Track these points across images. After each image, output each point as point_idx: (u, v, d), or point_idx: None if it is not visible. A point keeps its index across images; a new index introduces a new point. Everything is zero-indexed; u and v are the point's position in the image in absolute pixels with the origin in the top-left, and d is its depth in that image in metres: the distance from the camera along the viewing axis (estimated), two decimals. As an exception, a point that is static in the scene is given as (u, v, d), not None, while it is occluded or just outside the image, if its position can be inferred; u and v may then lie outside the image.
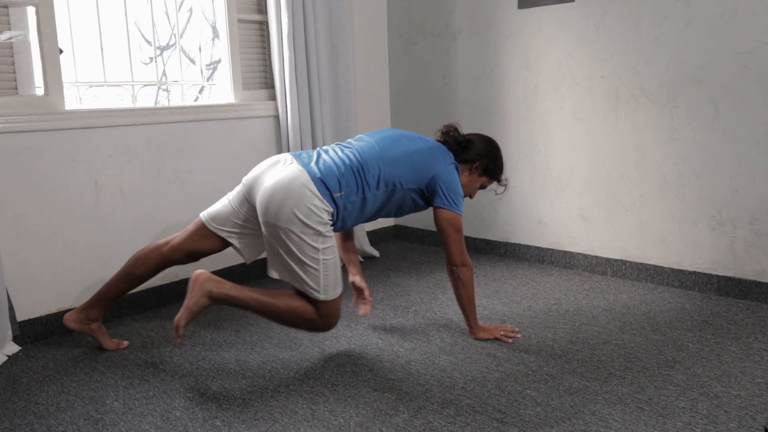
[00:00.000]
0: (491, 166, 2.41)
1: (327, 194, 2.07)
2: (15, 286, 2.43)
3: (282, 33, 3.08)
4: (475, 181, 2.42)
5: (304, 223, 2.03)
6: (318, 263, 2.06)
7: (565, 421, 1.79)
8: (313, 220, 2.04)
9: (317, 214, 2.05)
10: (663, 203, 2.89)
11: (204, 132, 2.96)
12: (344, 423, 1.82)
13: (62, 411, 1.94)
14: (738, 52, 2.60)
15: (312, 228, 2.04)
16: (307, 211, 2.03)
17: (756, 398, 1.89)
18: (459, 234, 2.26)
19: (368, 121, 3.72)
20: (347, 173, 2.12)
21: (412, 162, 2.22)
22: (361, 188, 2.14)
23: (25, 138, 2.41)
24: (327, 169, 2.11)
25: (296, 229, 2.03)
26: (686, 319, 2.51)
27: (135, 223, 2.75)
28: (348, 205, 2.13)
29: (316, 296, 2.08)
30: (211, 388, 2.06)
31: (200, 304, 2.04)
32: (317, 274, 2.07)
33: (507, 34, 3.29)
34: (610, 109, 2.99)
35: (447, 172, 2.25)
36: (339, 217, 2.13)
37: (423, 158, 2.24)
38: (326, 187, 2.07)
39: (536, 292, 2.89)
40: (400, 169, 2.20)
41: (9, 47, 2.42)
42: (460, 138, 2.38)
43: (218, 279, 2.08)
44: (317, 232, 2.05)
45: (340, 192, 2.10)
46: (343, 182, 2.11)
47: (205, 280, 2.05)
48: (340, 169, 2.12)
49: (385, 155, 2.20)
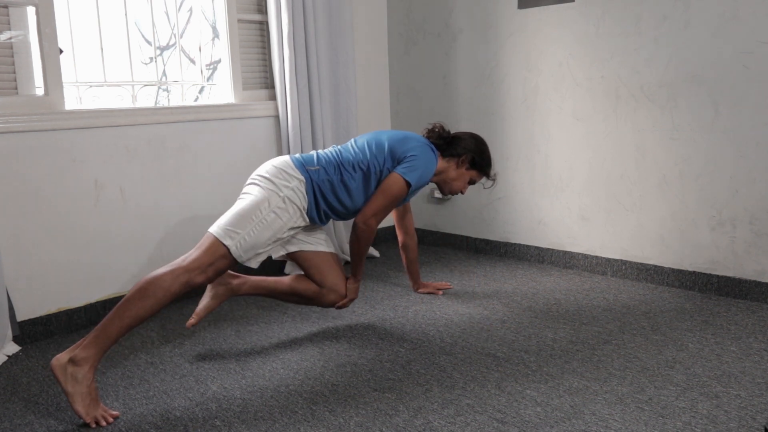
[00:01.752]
0: (478, 159, 2.50)
1: (300, 165, 2.23)
2: (15, 286, 2.43)
3: (282, 33, 3.08)
4: (463, 174, 2.52)
5: (271, 181, 2.17)
6: (259, 216, 2.11)
7: (565, 421, 1.79)
8: (279, 181, 2.17)
9: (285, 176, 2.18)
10: (663, 203, 2.89)
11: (204, 132, 2.96)
12: (344, 423, 1.82)
13: (62, 411, 1.94)
14: (738, 52, 2.60)
15: (275, 186, 2.16)
16: (274, 170, 2.20)
17: (756, 398, 1.89)
18: (386, 200, 2.30)
19: (368, 121, 3.72)
20: (326, 157, 2.30)
21: (389, 146, 2.33)
22: (338, 170, 2.26)
23: (25, 138, 2.41)
24: (307, 155, 2.31)
25: (262, 184, 2.17)
26: (686, 319, 2.51)
27: (135, 223, 2.75)
28: (325, 180, 2.23)
29: (228, 242, 2.04)
30: (211, 388, 2.06)
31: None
32: (248, 225, 2.09)
33: (507, 34, 3.29)
34: (610, 109, 2.99)
35: (418, 149, 2.34)
36: (315, 187, 2.21)
37: (397, 140, 2.35)
38: (301, 161, 2.25)
39: (536, 292, 2.89)
40: (377, 152, 2.32)
41: (9, 47, 2.42)
42: (444, 134, 2.49)
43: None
44: (278, 190, 2.15)
45: (315, 166, 2.24)
46: (321, 160, 2.27)
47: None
48: (319, 154, 2.31)
49: (366, 146, 2.34)
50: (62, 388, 1.82)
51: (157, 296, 1.91)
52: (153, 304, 1.91)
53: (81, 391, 1.81)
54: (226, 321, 2.65)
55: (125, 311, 1.88)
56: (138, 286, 1.92)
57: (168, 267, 1.97)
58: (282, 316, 2.69)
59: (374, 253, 3.59)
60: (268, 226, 2.11)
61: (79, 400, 1.81)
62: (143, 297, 1.90)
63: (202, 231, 2.53)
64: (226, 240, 2.04)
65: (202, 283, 2.02)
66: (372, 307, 2.75)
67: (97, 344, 1.85)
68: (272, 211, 2.12)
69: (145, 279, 1.94)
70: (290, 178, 2.19)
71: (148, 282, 1.92)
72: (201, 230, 2.71)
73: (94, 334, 1.86)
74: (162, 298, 1.92)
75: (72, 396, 1.80)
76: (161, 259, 2.82)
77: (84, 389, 1.82)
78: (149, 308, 1.90)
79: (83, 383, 1.82)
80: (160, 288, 1.92)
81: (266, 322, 2.62)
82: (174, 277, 1.94)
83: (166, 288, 1.92)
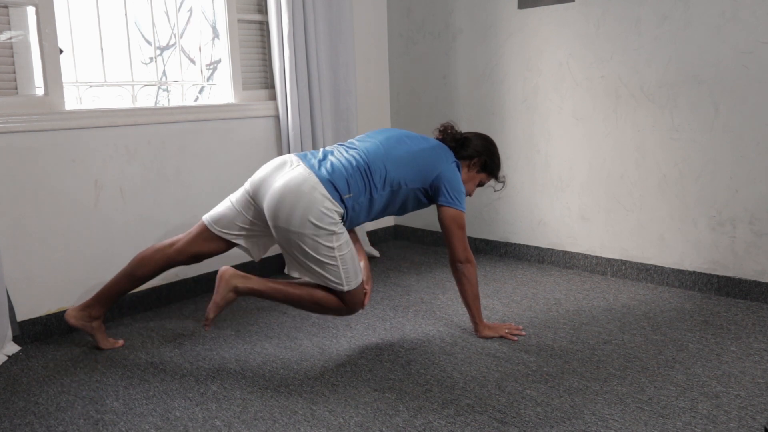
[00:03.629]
0: (489, 162, 2.45)
1: (336, 196, 2.08)
2: (15, 286, 2.43)
3: (282, 33, 3.08)
4: (473, 177, 2.46)
5: (317, 226, 2.05)
6: (336, 260, 2.10)
7: (565, 421, 1.79)
8: (325, 222, 2.05)
9: (329, 216, 2.06)
10: (663, 203, 2.89)
11: (204, 132, 2.96)
12: (344, 423, 1.82)
13: (62, 411, 1.94)
14: (738, 52, 2.60)
15: (325, 229, 2.06)
16: (319, 214, 2.04)
17: (756, 398, 1.89)
18: (462, 231, 2.30)
19: (368, 121, 3.72)
20: (355, 174, 2.14)
21: (416, 162, 2.25)
22: (368, 189, 2.16)
23: (25, 138, 2.41)
24: (335, 171, 2.12)
25: (309, 232, 2.05)
26: (686, 319, 2.51)
27: (135, 223, 2.75)
28: (356, 206, 2.15)
29: (341, 289, 2.14)
30: (211, 388, 2.06)
31: (227, 299, 2.16)
32: (337, 270, 2.11)
33: (507, 34, 3.29)
34: (610, 109, 2.99)
35: (450, 170, 2.29)
36: (347, 217, 2.14)
37: (426, 158, 2.27)
38: (335, 188, 2.08)
39: (536, 292, 2.89)
40: (405, 169, 2.22)
41: (9, 47, 2.42)
42: (457, 135, 2.43)
43: (243, 275, 2.18)
44: (330, 232, 2.07)
45: (349, 194, 2.11)
46: (351, 183, 2.12)
47: (231, 276, 2.15)
48: (348, 171, 2.13)
49: (390, 156, 2.22)
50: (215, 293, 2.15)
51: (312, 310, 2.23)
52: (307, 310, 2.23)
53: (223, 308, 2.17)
54: (226, 321, 2.65)
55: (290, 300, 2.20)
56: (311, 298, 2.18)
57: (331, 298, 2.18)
58: (282, 316, 2.69)
59: (374, 252, 3.59)
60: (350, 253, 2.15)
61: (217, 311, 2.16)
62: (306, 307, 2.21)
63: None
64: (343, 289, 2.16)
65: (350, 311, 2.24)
66: (372, 307, 2.75)
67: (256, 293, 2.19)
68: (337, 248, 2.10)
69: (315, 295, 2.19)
70: (332, 213, 2.07)
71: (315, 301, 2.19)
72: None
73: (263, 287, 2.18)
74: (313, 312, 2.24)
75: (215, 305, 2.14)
76: (161, 259, 2.82)
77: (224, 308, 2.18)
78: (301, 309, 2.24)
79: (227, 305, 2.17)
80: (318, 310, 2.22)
81: (266, 322, 2.62)
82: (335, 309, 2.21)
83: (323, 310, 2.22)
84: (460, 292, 2.35)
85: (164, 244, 2.35)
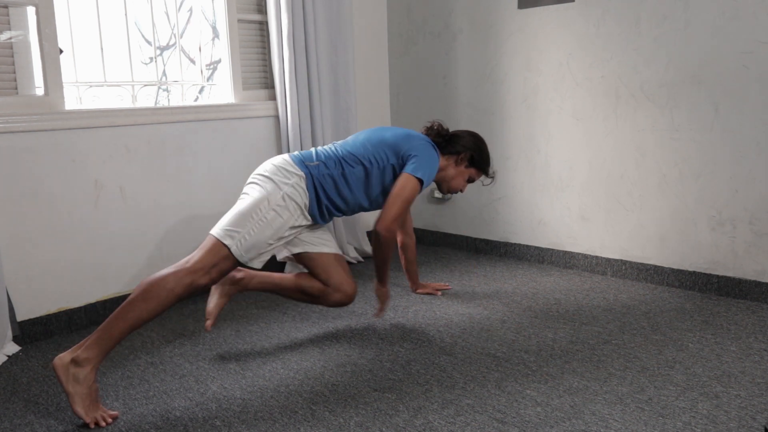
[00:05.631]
0: (476, 156, 2.50)
1: (300, 162, 2.22)
2: (15, 286, 2.43)
3: (282, 33, 3.08)
4: (462, 172, 2.52)
5: (270, 180, 2.17)
6: (258, 214, 2.10)
7: (565, 421, 1.79)
8: (279, 178, 2.17)
9: (284, 173, 2.18)
10: (663, 203, 2.89)
11: (204, 132, 2.96)
12: (344, 423, 1.82)
13: (62, 411, 1.94)
14: (738, 52, 2.60)
15: (275, 183, 2.15)
16: (276, 170, 2.19)
17: (756, 398, 1.89)
18: (402, 203, 2.27)
19: (368, 121, 3.72)
20: (325, 152, 2.29)
21: (391, 142, 2.33)
22: (339, 165, 2.25)
23: (25, 138, 2.41)
24: (306, 152, 2.31)
25: (262, 184, 2.16)
26: (686, 319, 2.51)
27: (135, 223, 2.75)
28: (326, 175, 2.22)
29: (228, 242, 2.03)
30: (211, 388, 2.06)
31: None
32: (248, 223, 2.08)
33: (507, 34, 3.29)
34: (610, 109, 2.99)
35: (422, 147, 2.34)
36: (315, 183, 2.20)
37: (401, 137, 2.35)
38: (300, 158, 2.25)
39: (536, 292, 2.89)
40: (378, 148, 2.31)
41: (9, 47, 2.42)
42: (443, 131, 2.50)
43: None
44: (278, 188, 2.14)
45: (315, 162, 2.23)
46: (321, 155, 2.27)
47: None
48: (317, 150, 2.31)
49: (367, 140, 2.34)
50: (63, 387, 1.81)
51: (161, 298, 1.90)
52: (156, 305, 1.90)
53: (82, 391, 1.81)
54: (226, 321, 2.65)
55: (128, 312, 1.88)
56: (141, 288, 1.91)
57: (171, 269, 1.97)
58: (282, 316, 2.69)
59: (374, 253, 3.59)
60: (269, 224, 2.10)
61: (79, 400, 1.80)
62: (146, 299, 1.89)
63: (202, 231, 2.54)
64: (227, 240, 2.03)
65: (206, 285, 2.01)
66: (372, 307, 2.75)
67: (99, 345, 1.85)
68: (272, 209, 2.11)
69: (148, 281, 1.93)
70: (289, 174, 2.18)
71: (151, 284, 1.91)
72: (201, 230, 2.72)
73: (97, 335, 1.85)
74: (165, 299, 1.91)
75: (72, 396, 1.80)
76: (161, 259, 2.82)
77: (85, 390, 1.81)
78: (152, 310, 1.90)
79: (84, 384, 1.81)
80: (163, 289, 1.91)
81: (266, 322, 2.62)
82: (178, 279, 1.94)
83: (169, 290, 1.92)
84: (372, 253, 2.41)
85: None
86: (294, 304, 2.80)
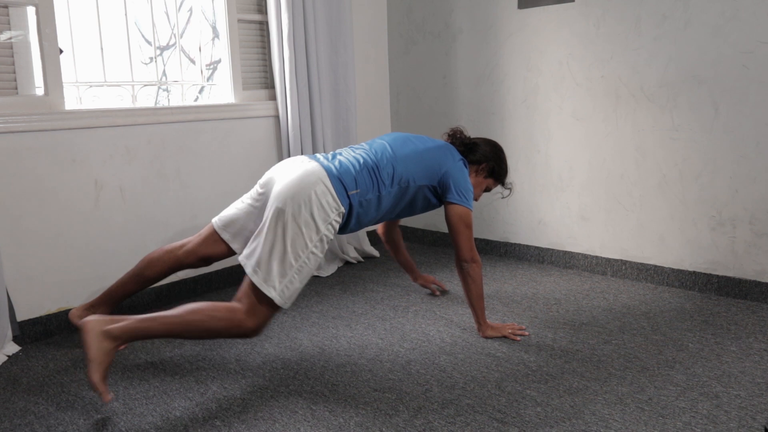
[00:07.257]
0: (497, 168, 2.47)
1: (342, 191, 2.08)
2: (15, 286, 2.43)
3: (282, 33, 3.08)
4: (480, 183, 2.49)
5: (311, 215, 2.01)
6: (299, 260, 1.99)
7: (565, 421, 1.79)
8: (319, 216, 2.02)
9: (326, 211, 2.04)
10: (663, 203, 2.89)
11: (204, 132, 2.96)
12: (344, 423, 1.82)
13: (62, 411, 1.94)
14: (738, 52, 2.60)
15: (315, 223, 2.01)
16: (318, 205, 2.02)
17: (756, 398, 1.89)
18: (469, 230, 2.30)
19: (368, 121, 3.72)
20: (363, 171, 2.16)
21: (423, 159, 2.27)
22: (376, 186, 2.17)
23: (25, 138, 2.41)
24: (343, 167, 2.14)
25: (300, 220, 1.99)
26: (686, 319, 2.51)
27: (135, 223, 2.75)
28: (364, 202, 2.15)
29: (272, 293, 1.95)
30: (211, 388, 2.06)
31: (103, 348, 1.85)
32: (290, 271, 1.98)
33: (507, 34, 3.29)
34: (610, 109, 2.99)
35: (457, 168, 2.31)
36: (353, 214, 2.14)
37: (433, 155, 2.30)
38: (342, 183, 2.09)
39: (536, 292, 2.89)
40: (412, 167, 2.24)
41: (9, 47, 2.42)
42: (466, 140, 2.46)
43: (110, 317, 1.92)
44: (317, 230, 2.02)
45: (355, 189, 2.12)
46: (359, 180, 2.13)
47: (96, 322, 1.88)
48: (355, 168, 2.15)
49: (398, 154, 2.25)
50: (86, 350, 1.85)
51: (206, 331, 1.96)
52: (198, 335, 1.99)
53: (105, 363, 1.85)
54: (226, 321, 2.65)
55: (175, 327, 1.93)
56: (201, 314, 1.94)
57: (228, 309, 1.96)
58: (282, 316, 2.69)
59: (374, 252, 3.59)
60: (309, 269, 2.03)
61: (98, 369, 1.83)
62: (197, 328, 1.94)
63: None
64: (271, 292, 1.96)
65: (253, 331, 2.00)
66: (372, 307, 2.75)
67: (134, 334, 1.90)
68: (311, 252, 2.02)
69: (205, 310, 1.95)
70: (331, 210, 2.05)
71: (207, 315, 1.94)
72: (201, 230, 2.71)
73: (138, 325, 1.90)
74: (207, 336, 2.00)
75: (93, 363, 1.83)
76: (161, 259, 2.82)
77: (107, 363, 1.86)
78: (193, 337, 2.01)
79: (108, 357, 1.86)
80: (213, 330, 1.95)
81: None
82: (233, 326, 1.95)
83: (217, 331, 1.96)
84: (465, 291, 2.36)
85: (174, 246, 2.35)
86: (294, 304, 2.80)
